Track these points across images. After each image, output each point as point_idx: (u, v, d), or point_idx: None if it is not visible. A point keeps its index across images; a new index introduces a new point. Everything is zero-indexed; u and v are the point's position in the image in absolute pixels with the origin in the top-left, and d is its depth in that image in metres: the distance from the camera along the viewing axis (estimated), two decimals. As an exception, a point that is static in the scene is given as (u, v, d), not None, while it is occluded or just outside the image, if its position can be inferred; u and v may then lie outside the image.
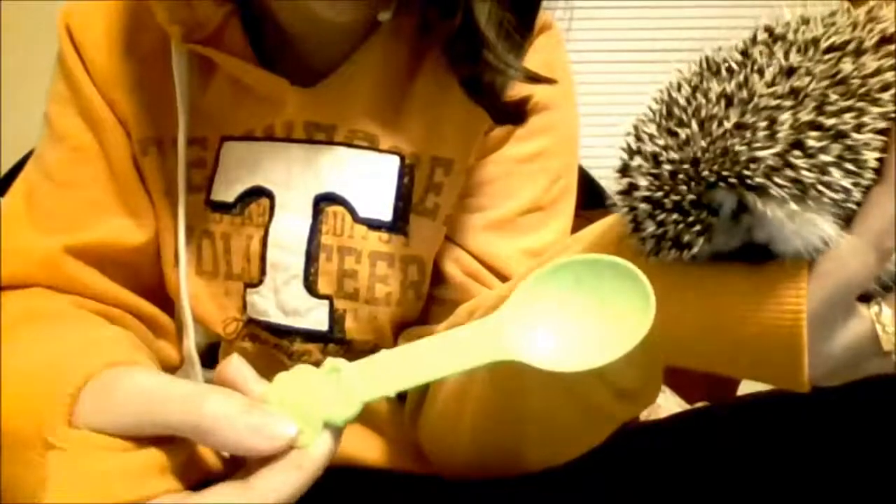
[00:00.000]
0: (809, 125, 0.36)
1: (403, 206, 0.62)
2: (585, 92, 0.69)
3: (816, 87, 0.36)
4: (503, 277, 0.63)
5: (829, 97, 0.36)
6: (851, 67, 0.36)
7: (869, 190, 0.37)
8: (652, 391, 0.49)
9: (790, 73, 0.37)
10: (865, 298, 0.39)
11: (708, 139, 0.37)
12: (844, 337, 0.38)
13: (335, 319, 0.62)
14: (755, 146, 0.36)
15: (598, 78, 1.98)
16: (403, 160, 0.62)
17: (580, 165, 0.71)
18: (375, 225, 0.62)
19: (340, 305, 0.62)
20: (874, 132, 0.36)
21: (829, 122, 0.36)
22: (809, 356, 0.38)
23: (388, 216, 0.62)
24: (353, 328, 0.63)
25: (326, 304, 0.62)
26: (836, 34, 0.38)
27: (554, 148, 0.66)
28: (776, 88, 0.36)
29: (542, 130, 0.65)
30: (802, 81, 0.36)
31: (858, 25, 0.38)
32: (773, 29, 0.39)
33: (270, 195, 0.62)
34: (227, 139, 0.63)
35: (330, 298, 0.62)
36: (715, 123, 0.37)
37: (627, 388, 0.47)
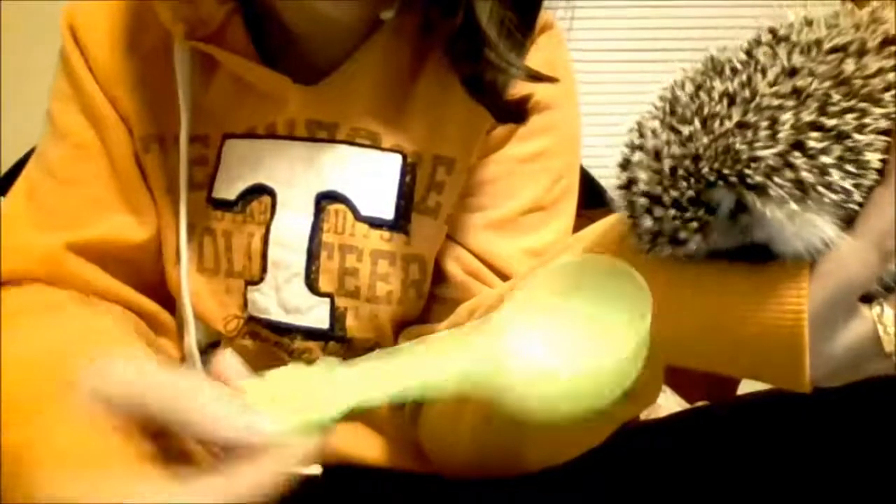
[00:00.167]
0: (811, 126, 0.36)
1: (405, 204, 0.62)
2: (586, 91, 0.69)
3: (819, 87, 0.36)
4: (504, 277, 0.63)
5: (831, 98, 0.36)
6: (854, 68, 0.36)
7: (871, 191, 0.37)
8: (653, 391, 0.49)
9: (793, 73, 0.37)
10: (867, 299, 0.39)
11: (710, 137, 0.37)
12: (846, 338, 0.38)
13: (336, 317, 0.62)
14: (756, 145, 0.36)
15: (598, 77, 1.97)
16: (405, 159, 0.62)
17: (581, 165, 0.71)
18: (377, 223, 0.62)
19: (341, 303, 0.62)
20: (876, 133, 0.36)
21: (830, 122, 0.36)
22: (810, 357, 0.38)
23: (389, 214, 0.62)
24: (353, 326, 0.63)
25: (327, 302, 0.62)
26: (839, 35, 0.38)
27: (555, 147, 0.66)
28: (778, 88, 0.37)
29: (543, 130, 0.65)
30: (805, 82, 0.36)
31: (861, 26, 0.38)
32: (776, 30, 0.39)
33: (272, 193, 0.62)
34: (228, 137, 0.63)
35: (331, 296, 0.62)
36: (717, 122, 0.37)
37: (630, 388, 0.47)
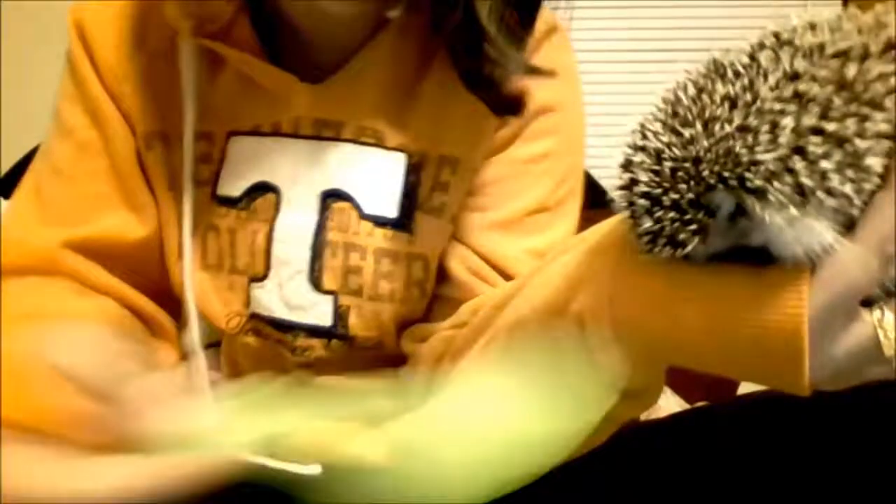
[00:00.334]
0: (812, 130, 0.36)
1: (409, 203, 0.62)
2: (586, 92, 0.69)
3: (820, 92, 0.36)
4: (508, 277, 0.63)
5: (833, 102, 0.36)
6: (856, 73, 0.36)
7: (871, 196, 0.37)
8: (653, 392, 0.49)
9: (795, 77, 0.37)
10: (868, 303, 0.39)
11: (711, 140, 0.37)
12: (846, 342, 0.38)
13: (339, 315, 0.63)
14: (757, 149, 0.36)
15: (598, 78, 1.97)
16: (410, 158, 0.62)
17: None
18: (381, 222, 0.62)
19: (345, 301, 0.62)
20: (878, 138, 0.36)
21: (831, 127, 0.36)
22: (810, 361, 0.38)
23: (393, 213, 0.62)
24: (356, 324, 0.63)
25: (331, 299, 0.62)
26: (842, 40, 0.37)
27: (560, 149, 0.66)
28: (780, 93, 0.36)
29: (548, 132, 0.65)
30: (807, 86, 0.36)
31: (865, 31, 0.38)
32: (779, 34, 0.39)
33: (277, 191, 0.62)
34: (233, 134, 0.63)
35: (334, 294, 0.62)
36: (718, 125, 0.37)
37: (628, 388, 0.46)
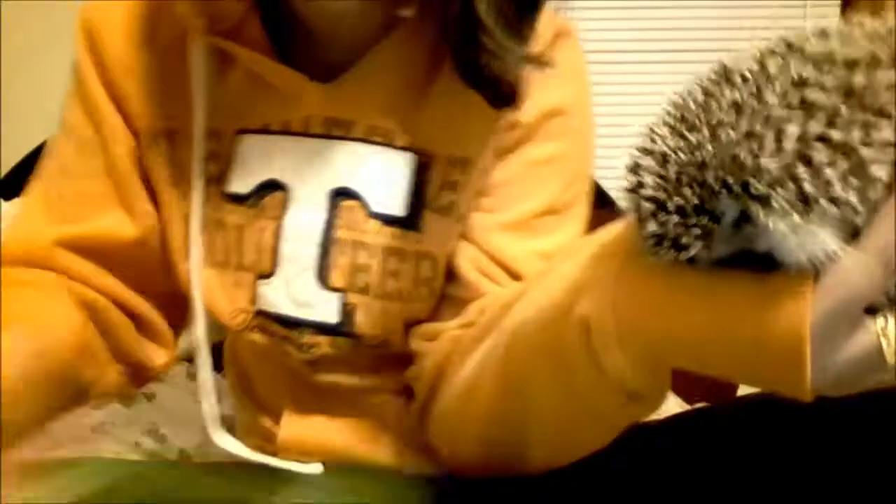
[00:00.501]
0: (818, 138, 0.36)
1: (418, 202, 0.62)
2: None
3: (827, 100, 0.36)
4: (516, 277, 0.63)
5: (839, 111, 0.36)
6: (864, 82, 0.36)
7: (877, 205, 0.37)
8: (658, 394, 0.49)
9: (802, 85, 0.37)
10: (873, 311, 0.39)
11: (716, 145, 0.37)
12: (849, 350, 0.38)
13: (346, 313, 0.63)
14: (761, 156, 0.36)
15: (603, 79, 1.96)
16: (419, 157, 0.63)
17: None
18: (389, 220, 0.62)
19: (352, 299, 0.63)
20: (884, 147, 0.36)
21: (837, 136, 0.35)
22: (812, 368, 0.38)
23: (402, 212, 0.62)
24: (363, 322, 0.63)
25: (338, 297, 0.63)
26: (851, 48, 0.37)
27: (570, 152, 0.66)
28: (787, 100, 0.36)
29: (558, 135, 0.66)
30: (814, 94, 0.36)
31: (874, 39, 0.38)
32: (789, 40, 0.39)
33: (285, 188, 0.63)
34: (242, 132, 0.64)
35: (342, 292, 0.62)
36: (724, 131, 0.37)
37: (633, 390, 0.47)
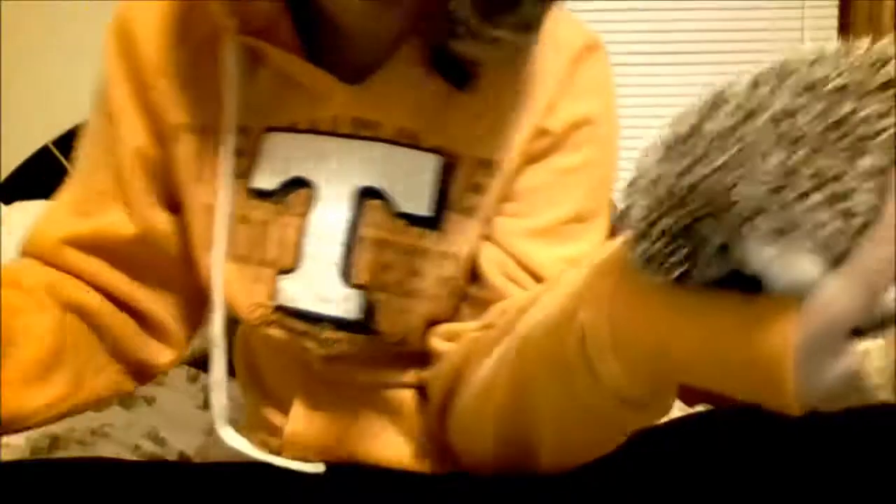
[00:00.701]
0: (803, 165, 0.36)
1: (442, 203, 0.64)
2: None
3: (814, 127, 0.37)
4: (542, 283, 0.64)
5: (826, 138, 0.36)
6: (851, 109, 0.37)
7: (861, 231, 0.37)
8: (663, 401, 0.50)
9: (790, 113, 0.37)
10: (860, 332, 0.39)
11: (703, 171, 0.38)
12: (832, 372, 0.39)
13: (367, 310, 0.64)
14: (746, 183, 0.37)
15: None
16: (444, 159, 0.64)
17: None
18: (414, 220, 0.64)
19: (374, 296, 0.64)
20: (869, 174, 0.37)
21: (823, 163, 0.36)
22: (798, 387, 0.38)
23: (427, 212, 0.64)
24: (384, 320, 0.64)
25: (360, 294, 0.64)
26: (841, 74, 0.38)
27: (597, 160, 0.68)
28: (775, 127, 0.37)
29: (586, 144, 0.67)
30: (801, 121, 0.37)
31: (865, 66, 0.38)
32: (780, 66, 0.39)
33: (311, 186, 0.64)
34: (270, 130, 0.66)
35: (364, 288, 0.64)
36: (712, 156, 0.38)
37: (635, 398, 0.48)
